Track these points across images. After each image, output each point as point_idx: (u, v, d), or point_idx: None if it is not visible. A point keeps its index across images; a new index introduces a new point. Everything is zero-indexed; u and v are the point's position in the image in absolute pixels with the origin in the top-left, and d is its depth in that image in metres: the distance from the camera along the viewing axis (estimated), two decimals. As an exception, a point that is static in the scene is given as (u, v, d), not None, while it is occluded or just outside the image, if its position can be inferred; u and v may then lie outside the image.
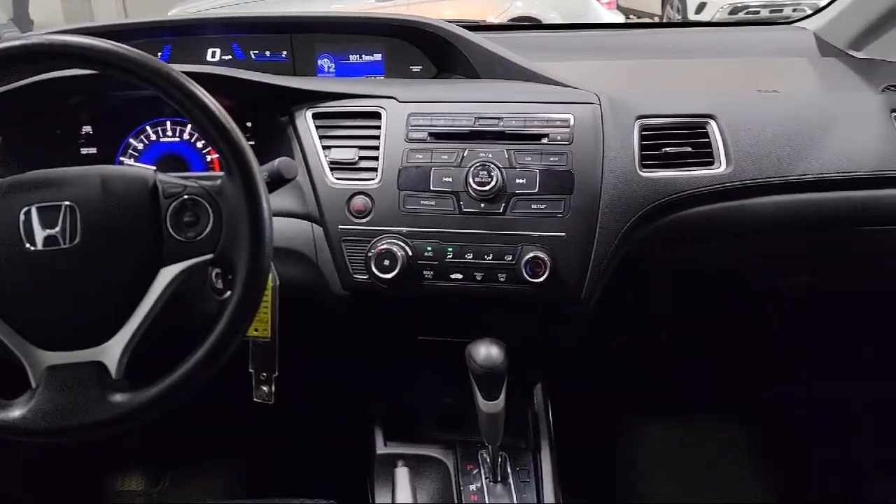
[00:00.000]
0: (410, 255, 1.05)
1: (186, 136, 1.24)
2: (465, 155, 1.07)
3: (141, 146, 1.24)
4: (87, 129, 1.22)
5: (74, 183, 0.83)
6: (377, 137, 1.10)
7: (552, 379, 1.29)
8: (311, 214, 1.10)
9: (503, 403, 1.06)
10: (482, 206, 1.06)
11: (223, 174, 0.84)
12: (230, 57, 1.35)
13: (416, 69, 1.35)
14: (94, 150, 1.23)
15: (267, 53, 1.35)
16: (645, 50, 1.59)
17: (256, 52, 1.35)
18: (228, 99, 0.92)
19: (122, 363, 0.82)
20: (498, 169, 1.05)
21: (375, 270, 1.04)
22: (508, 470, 1.16)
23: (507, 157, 1.06)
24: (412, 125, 1.10)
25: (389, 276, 1.04)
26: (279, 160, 0.91)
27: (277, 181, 0.91)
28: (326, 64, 1.36)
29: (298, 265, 1.11)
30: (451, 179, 1.06)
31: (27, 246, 0.80)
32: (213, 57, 1.35)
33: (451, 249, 1.06)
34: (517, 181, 1.05)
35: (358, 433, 1.28)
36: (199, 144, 1.24)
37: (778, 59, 1.50)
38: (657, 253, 1.17)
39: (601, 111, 1.10)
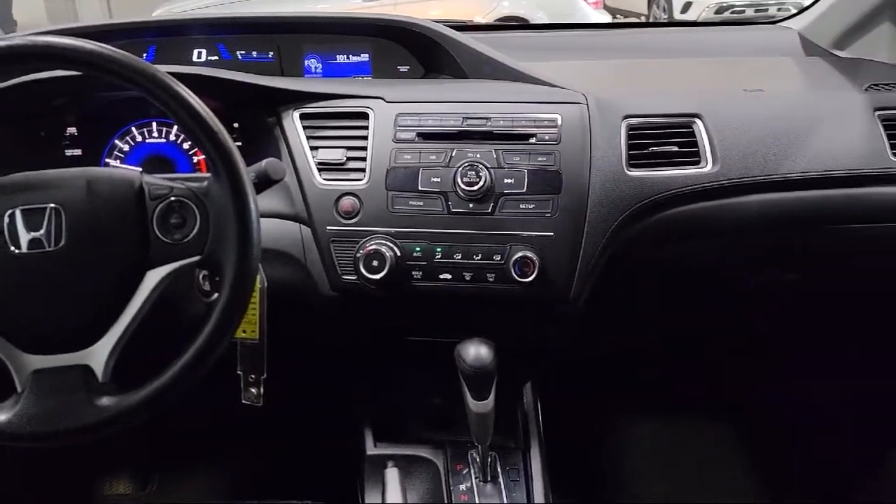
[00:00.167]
0: (399, 255, 1.05)
1: (173, 136, 1.23)
2: (453, 155, 1.07)
3: (127, 147, 1.23)
4: (71, 130, 1.21)
5: (59, 185, 0.83)
6: (365, 138, 1.10)
7: (542, 378, 1.30)
8: (298, 215, 1.10)
9: (492, 403, 1.06)
10: (471, 206, 1.06)
11: (210, 175, 0.83)
12: (216, 57, 1.34)
13: (403, 69, 1.35)
14: (79, 151, 1.22)
15: (254, 54, 1.35)
16: (631, 50, 1.60)
17: (243, 52, 1.34)
18: (215, 100, 0.92)
19: (108, 366, 0.81)
20: (486, 169, 1.05)
21: (364, 271, 1.04)
22: (498, 469, 1.16)
23: (495, 157, 1.07)
24: (400, 125, 1.10)
25: (378, 276, 1.04)
26: (266, 161, 0.91)
27: (265, 182, 0.91)
28: (314, 64, 1.36)
29: (286, 266, 1.10)
30: (439, 180, 1.06)
31: (12, 249, 0.79)
32: (199, 57, 1.34)
33: (439, 250, 1.06)
34: (505, 181, 1.06)
35: (347, 434, 1.28)
36: (185, 145, 1.23)
37: (763, 58, 1.51)
38: (645, 252, 1.17)
39: (588, 111, 1.10)
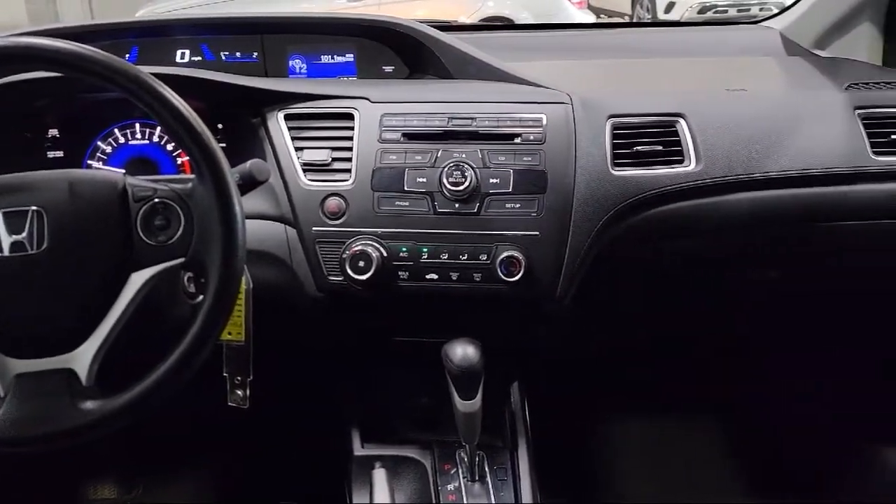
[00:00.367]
0: (385, 256, 1.05)
1: (156, 138, 1.22)
2: (438, 155, 1.07)
3: (109, 149, 1.22)
4: (53, 132, 1.20)
5: (41, 187, 0.82)
6: (350, 138, 1.10)
7: (529, 377, 1.30)
8: (284, 216, 1.10)
9: (480, 403, 1.07)
10: (457, 206, 1.06)
11: (194, 177, 0.83)
12: (200, 58, 1.33)
13: (388, 70, 1.34)
14: (60, 153, 1.21)
15: (237, 54, 1.34)
16: (616, 50, 1.60)
17: (227, 53, 1.34)
18: (198, 100, 0.91)
19: (92, 370, 0.81)
20: (472, 169, 1.05)
21: (350, 272, 1.04)
22: (486, 469, 1.16)
23: (480, 157, 1.07)
24: (385, 126, 1.10)
25: (364, 277, 1.04)
26: (251, 162, 0.90)
27: (249, 183, 0.90)
28: (298, 65, 1.35)
29: (272, 268, 1.10)
30: (425, 180, 1.06)
31: (-7, 252, 0.78)
32: (182, 58, 1.33)
33: (426, 250, 1.06)
34: (491, 181, 1.06)
35: (334, 435, 1.27)
36: (169, 147, 1.23)
37: (745, 57, 1.52)
38: (630, 251, 1.18)
39: (573, 111, 1.10)
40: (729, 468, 1.72)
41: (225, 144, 1.17)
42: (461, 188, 1.05)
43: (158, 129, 1.22)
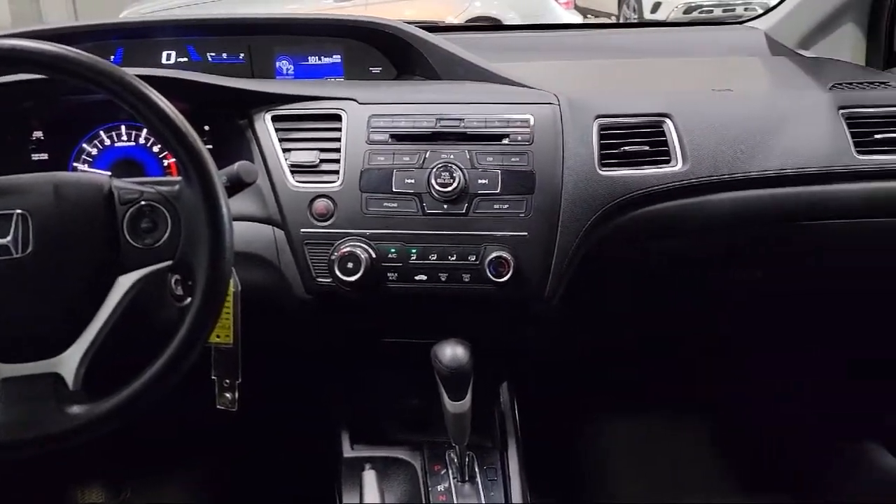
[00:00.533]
0: (374, 257, 1.05)
1: (142, 140, 1.21)
2: (427, 156, 1.07)
3: (95, 151, 1.21)
4: (38, 134, 1.19)
5: (26, 190, 0.81)
6: (338, 140, 1.10)
7: (518, 378, 1.30)
8: (272, 218, 1.09)
9: (469, 403, 1.07)
10: (445, 207, 1.06)
11: (181, 179, 0.82)
12: (186, 59, 1.32)
13: (375, 71, 1.34)
14: (45, 155, 1.20)
15: (224, 56, 1.33)
16: (602, 50, 1.61)
17: (213, 54, 1.33)
18: (184, 102, 0.91)
19: (79, 374, 0.80)
20: (460, 170, 1.06)
21: (339, 273, 1.04)
22: (476, 469, 1.16)
23: (468, 157, 1.07)
24: (373, 127, 1.10)
25: (353, 278, 1.03)
26: (238, 164, 0.90)
27: (237, 185, 0.90)
28: (285, 66, 1.35)
29: (260, 270, 1.09)
30: (413, 181, 1.06)
31: (-23, 256, 0.78)
32: (168, 60, 1.32)
33: (414, 251, 1.06)
34: (479, 182, 1.06)
35: (323, 437, 1.27)
36: (155, 148, 1.22)
37: (731, 58, 1.53)
38: (617, 251, 1.18)
39: (560, 111, 1.11)
40: (716, 467, 1.73)
41: (212, 146, 1.16)
42: (449, 189, 1.05)
43: (144, 130, 1.21)
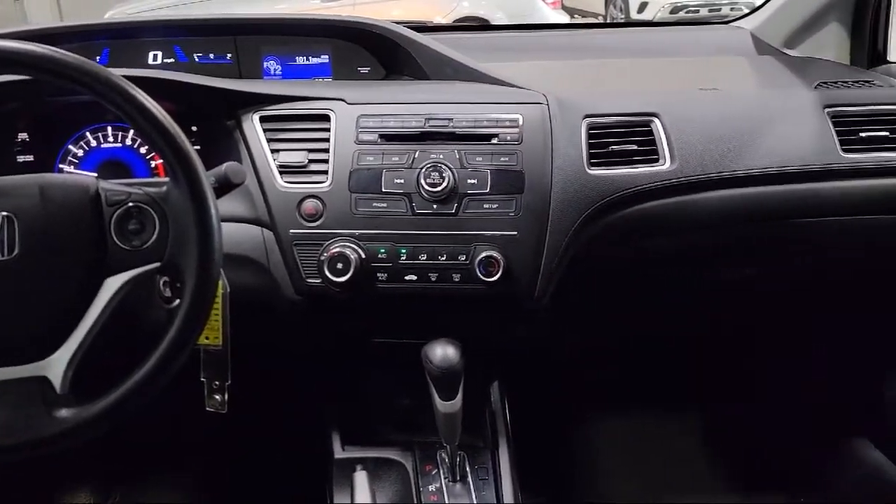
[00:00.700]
0: (364, 257, 1.05)
1: (129, 141, 1.21)
2: (416, 156, 1.07)
3: (81, 153, 1.20)
4: (23, 135, 1.18)
5: (11, 192, 0.81)
6: (327, 140, 1.10)
7: (509, 377, 1.30)
8: (260, 219, 1.09)
9: (460, 403, 1.07)
10: (435, 206, 1.06)
11: (168, 180, 0.82)
12: (173, 60, 1.32)
13: (364, 71, 1.34)
14: (31, 157, 1.19)
15: (211, 56, 1.33)
16: (590, 50, 1.62)
17: (200, 54, 1.32)
18: (171, 103, 0.90)
19: (66, 377, 0.80)
20: (449, 170, 1.06)
21: (329, 274, 1.04)
22: (467, 469, 1.17)
23: (458, 157, 1.07)
24: (362, 127, 1.09)
25: (343, 279, 1.03)
26: (226, 165, 0.90)
27: (225, 186, 0.89)
28: (273, 66, 1.35)
29: (249, 271, 1.09)
30: (402, 181, 1.06)
31: (-38, 259, 0.77)
32: (154, 60, 1.31)
33: (404, 251, 1.06)
34: (469, 181, 1.06)
35: (315, 438, 1.27)
36: (142, 150, 1.21)
37: (717, 57, 1.54)
38: (607, 250, 1.19)
39: (549, 111, 1.11)
40: (706, 465, 1.73)
41: (199, 147, 1.16)
42: (439, 189, 1.05)
43: (131, 131, 1.21)
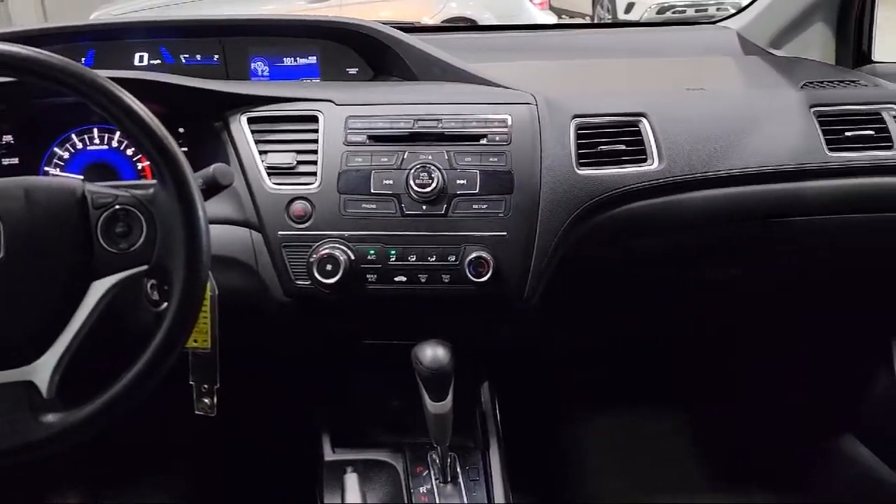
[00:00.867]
0: (353, 258, 1.05)
1: (115, 143, 1.20)
2: (405, 157, 1.07)
3: (67, 155, 1.19)
4: (7, 138, 1.17)
5: None
6: (315, 141, 1.09)
7: (499, 378, 1.30)
8: (249, 221, 1.08)
9: (450, 404, 1.07)
10: (424, 207, 1.06)
11: (156, 182, 0.81)
12: (159, 61, 1.31)
13: (352, 71, 1.34)
14: (16, 160, 1.17)
15: (198, 57, 1.32)
16: (578, 50, 1.62)
17: (186, 55, 1.32)
18: (158, 104, 0.90)
19: (53, 382, 0.79)
20: (438, 170, 1.05)
21: (318, 276, 1.03)
22: (458, 470, 1.17)
23: (447, 158, 1.07)
24: (350, 128, 1.09)
25: (332, 280, 1.03)
26: (214, 166, 0.89)
27: (213, 188, 0.89)
28: (260, 67, 1.34)
29: (238, 273, 1.08)
30: (391, 182, 1.06)
31: (-54, 263, 0.76)
32: (140, 62, 1.31)
33: (394, 252, 1.06)
34: (458, 182, 1.06)
35: (305, 440, 1.26)
36: (129, 151, 1.20)
37: (704, 57, 1.55)
38: (596, 250, 1.19)
39: (538, 111, 1.11)
40: (696, 465, 1.74)
41: (187, 149, 1.15)
42: (428, 190, 1.05)
43: (117, 133, 1.20)
